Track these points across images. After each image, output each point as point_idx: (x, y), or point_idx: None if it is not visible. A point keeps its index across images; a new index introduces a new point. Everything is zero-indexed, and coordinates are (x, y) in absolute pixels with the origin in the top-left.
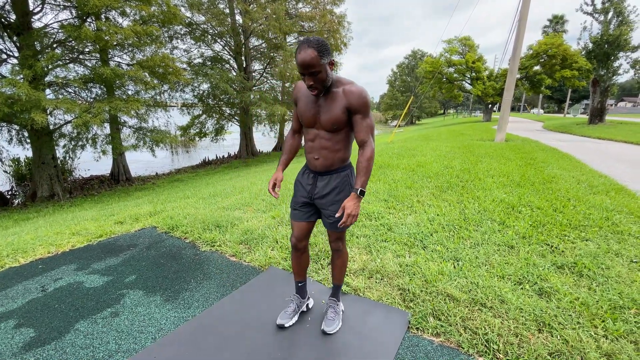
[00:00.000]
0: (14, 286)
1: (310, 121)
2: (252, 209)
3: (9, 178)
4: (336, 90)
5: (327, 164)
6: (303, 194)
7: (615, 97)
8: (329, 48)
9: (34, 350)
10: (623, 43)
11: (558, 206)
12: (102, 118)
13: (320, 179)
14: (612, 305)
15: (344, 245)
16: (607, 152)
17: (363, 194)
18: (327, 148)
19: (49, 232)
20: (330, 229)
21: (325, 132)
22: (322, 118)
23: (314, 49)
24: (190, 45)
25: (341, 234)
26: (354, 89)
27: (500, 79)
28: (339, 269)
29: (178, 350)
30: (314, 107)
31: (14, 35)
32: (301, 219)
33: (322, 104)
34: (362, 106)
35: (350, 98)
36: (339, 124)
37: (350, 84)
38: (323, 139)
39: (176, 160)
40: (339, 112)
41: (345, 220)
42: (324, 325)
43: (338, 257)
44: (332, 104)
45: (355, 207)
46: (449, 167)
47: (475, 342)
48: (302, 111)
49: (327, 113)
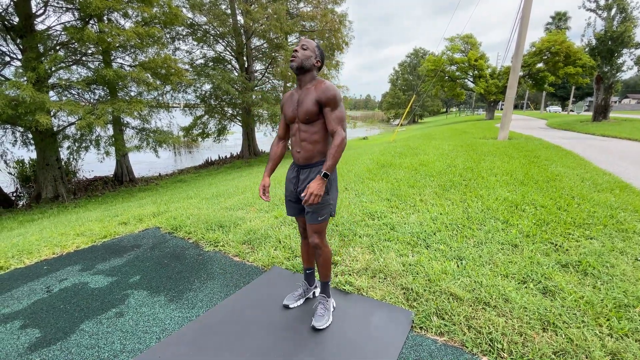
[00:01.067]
0: (19, 287)
1: (291, 117)
2: (255, 209)
3: (14, 180)
4: (310, 86)
5: (307, 156)
6: (289, 186)
7: (620, 94)
8: (324, 55)
9: (39, 351)
10: (627, 39)
11: (562, 204)
12: (105, 119)
13: (302, 172)
14: (617, 303)
15: (323, 241)
16: (612, 149)
17: (327, 176)
18: (306, 140)
19: (53, 233)
20: (308, 222)
21: (303, 124)
22: (299, 111)
23: (316, 44)
24: (192, 46)
25: (318, 228)
26: (322, 84)
27: (503, 76)
28: (322, 266)
29: (182, 350)
30: (294, 104)
31: (17, 38)
32: (295, 214)
33: (299, 99)
34: (329, 99)
35: (319, 92)
36: (311, 115)
37: (322, 81)
38: (302, 132)
39: (179, 160)
40: (310, 104)
41: (307, 198)
42: (314, 321)
43: (319, 256)
44: (306, 97)
45: (319, 188)
46: (452, 165)
47: (479, 341)
48: (286, 110)
49: (302, 106)
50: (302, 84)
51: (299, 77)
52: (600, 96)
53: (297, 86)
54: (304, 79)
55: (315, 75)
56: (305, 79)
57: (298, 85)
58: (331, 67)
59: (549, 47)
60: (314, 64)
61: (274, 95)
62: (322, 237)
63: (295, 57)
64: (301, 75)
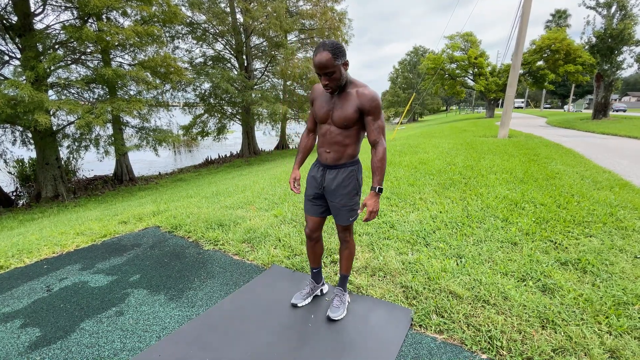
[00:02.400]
0: (19, 286)
1: (323, 117)
2: (255, 208)
3: (14, 179)
4: (350, 91)
5: (336, 157)
6: (314, 185)
7: (620, 91)
8: (344, 50)
9: (39, 350)
10: (627, 37)
11: (562, 202)
12: (104, 119)
13: (329, 172)
14: (616, 301)
15: (352, 236)
16: (611, 147)
17: (381, 191)
18: (338, 143)
19: (53, 232)
20: (337, 222)
21: (336, 128)
22: (334, 115)
23: (328, 51)
24: (192, 44)
25: (348, 226)
26: (367, 92)
27: (503, 74)
28: (346, 259)
29: (182, 348)
30: (328, 105)
31: (16, 37)
32: (314, 213)
33: (336, 102)
34: (373, 109)
35: (363, 100)
36: (349, 121)
37: (364, 87)
38: (334, 134)
39: (179, 159)
40: (351, 111)
41: (367, 216)
42: (330, 311)
43: (345, 248)
44: (345, 103)
45: (375, 204)
46: (452, 164)
47: (479, 339)
48: (318, 108)
49: (339, 110)
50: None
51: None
52: (600, 94)
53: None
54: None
55: (350, 78)
56: (344, 88)
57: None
58: None
59: (549, 45)
60: (345, 72)
61: (274, 93)
62: (351, 232)
63: (330, 88)
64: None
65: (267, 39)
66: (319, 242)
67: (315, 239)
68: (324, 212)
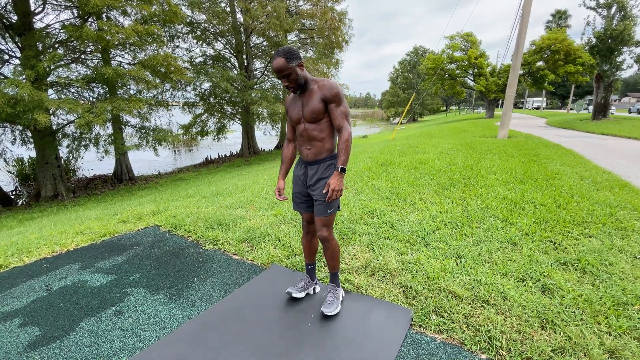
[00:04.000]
0: (18, 285)
1: (297, 118)
2: (255, 208)
3: (13, 178)
4: (312, 88)
5: (316, 152)
6: (298, 183)
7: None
8: (296, 53)
9: (39, 349)
10: (627, 38)
11: (561, 203)
12: (104, 118)
13: (310, 168)
14: (616, 301)
15: (331, 234)
16: (611, 147)
17: (344, 170)
18: (314, 137)
19: (53, 231)
20: (317, 215)
21: (309, 124)
22: (304, 112)
23: (281, 56)
24: (192, 44)
25: (327, 220)
26: (326, 82)
27: (503, 75)
28: (331, 258)
29: (182, 347)
30: (298, 106)
31: (15, 36)
32: (305, 210)
33: (303, 101)
34: (334, 96)
35: (324, 91)
36: (317, 113)
37: (322, 80)
38: (309, 130)
39: (178, 159)
40: (316, 103)
41: (330, 194)
42: (323, 307)
43: (327, 249)
44: (310, 98)
45: (339, 183)
46: (452, 164)
47: (478, 339)
48: (290, 113)
49: (307, 106)
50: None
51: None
52: (600, 95)
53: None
54: (305, 87)
55: (309, 76)
56: (306, 86)
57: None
58: (331, 65)
59: (549, 46)
60: (301, 73)
61: (274, 93)
62: (330, 230)
63: (291, 87)
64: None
65: (267, 38)
66: (315, 237)
67: (312, 233)
68: (311, 207)
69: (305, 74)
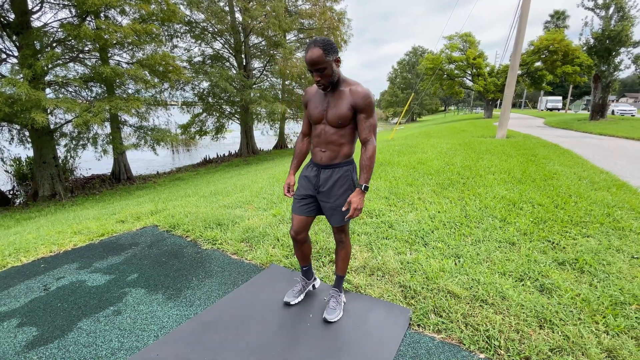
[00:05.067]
0: (16, 285)
1: (318, 117)
2: (253, 207)
3: (11, 178)
4: (343, 89)
5: (331, 157)
6: (307, 186)
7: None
8: (335, 47)
9: (37, 349)
10: (624, 38)
11: (559, 202)
12: (102, 117)
13: (323, 172)
14: (613, 301)
15: (347, 237)
16: (609, 148)
17: (367, 189)
18: (333, 142)
19: (50, 231)
20: (332, 224)
21: (331, 127)
22: (329, 114)
23: (319, 47)
24: (190, 43)
25: (344, 227)
26: (360, 89)
27: (502, 75)
28: (342, 260)
29: (180, 347)
30: (322, 105)
31: (13, 35)
32: (302, 213)
33: (329, 101)
34: (366, 106)
35: (356, 98)
36: (344, 120)
37: (357, 85)
38: (329, 134)
39: (177, 159)
40: (345, 109)
41: (351, 213)
42: (326, 313)
43: (342, 249)
44: (339, 101)
45: (360, 202)
46: (450, 164)
47: (477, 338)
48: (312, 109)
49: (333, 109)
50: (333, 87)
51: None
52: (598, 95)
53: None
54: (335, 86)
55: (342, 77)
56: (337, 85)
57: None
58: None
59: (547, 46)
60: (337, 69)
61: (272, 93)
62: (347, 233)
63: (323, 84)
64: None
65: (266, 38)
66: (306, 243)
67: (301, 241)
68: (312, 212)
69: (340, 71)
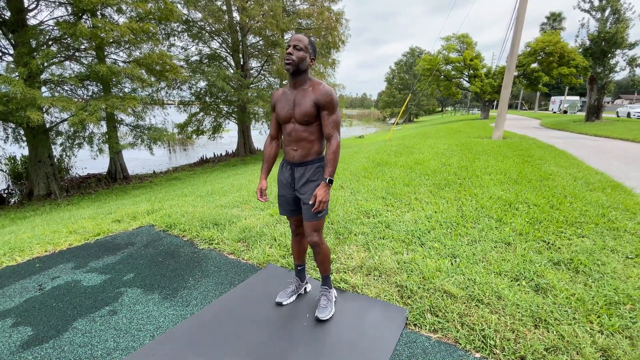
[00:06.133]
0: (11, 285)
1: (286, 117)
2: (250, 207)
3: (5, 177)
4: (307, 88)
5: (303, 154)
6: (285, 186)
7: (612, 94)
8: (316, 51)
9: (32, 349)
10: (619, 40)
11: (555, 203)
12: (98, 116)
13: (296, 170)
14: (608, 301)
15: (321, 238)
16: (604, 149)
17: (331, 182)
18: (304, 139)
19: (46, 230)
20: (306, 219)
21: (299, 125)
22: (295, 112)
23: (307, 38)
24: (188, 42)
25: (317, 225)
26: (322, 87)
27: (498, 76)
28: (322, 262)
29: (176, 347)
30: (289, 105)
31: (9, 33)
32: (289, 213)
33: (295, 100)
34: (328, 103)
35: (317, 94)
36: (309, 116)
37: (319, 83)
38: (299, 132)
39: (174, 158)
40: (309, 106)
41: (317, 206)
42: (318, 312)
43: (318, 254)
44: (303, 99)
45: (325, 194)
46: (447, 164)
47: (472, 338)
48: (279, 110)
49: (299, 107)
50: (297, 84)
51: (294, 77)
52: (593, 96)
53: (290, 85)
54: (300, 80)
55: (309, 75)
56: (301, 80)
57: (292, 84)
58: (327, 65)
59: (543, 48)
60: (309, 64)
61: (270, 92)
62: (320, 234)
63: (290, 60)
64: (297, 76)
65: (263, 37)
66: (305, 238)
67: (302, 234)
68: (298, 212)
69: (309, 71)
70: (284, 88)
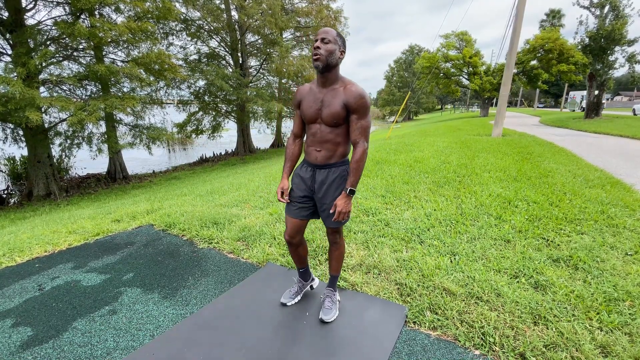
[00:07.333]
0: (11, 285)
1: (312, 117)
2: (250, 206)
3: (5, 177)
4: (338, 87)
5: (327, 156)
6: (302, 187)
7: (612, 91)
8: (345, 44)
9: (31, 349)
10: (618, 37)
11: (554, 200)
12: (97, 116)
13: (318, 173)
14: (607, 297)
15: (342, 237)
16: (603, 146)
17: (353, 192)
18: (329, 141)
19: (45, 230)
20: (328, 225)
21: (326, 126)
22: (323, 112)
23: (335, 30)
24: (186, 41)
25: (338, 228)
26: (354, 88)
27: (498, 73)
28: (336, 260)
29: (176, 347)
30: (316, 103)
31: (6, 33)
32: (297, 216)
33: (324, 99)
34: (359, 107)
35: (349, 96)
36: (338, 118)
37: (352, 84)
38: (325, 133)
39: (173, 157)
40: (339, 107)
41: (337, 217)
42: (322, 314)
43: (336, 249)
44: (333, 99)
45: (346, 205)
46: (446, 162)
47: (472, 335)
48: (305, 108)
49: (328, 108)
50: (327, 83)
51: (323, 75)
52: (592, 93)
53: (318, 83)
54: (330, 77)
55: (340, 76)
56: (331, 77)
57: (321, 82)
58: None
59: (542, 45)
60: (339, 57)
61: (269, 91)
62: (341, 234)
63: (319, 56)
64: (327, 73)
65: (262, 36)
66: (301, 246)
67: (297, 244)
68: (307, 215)
69: (339, 68)
70: (310, 84)
